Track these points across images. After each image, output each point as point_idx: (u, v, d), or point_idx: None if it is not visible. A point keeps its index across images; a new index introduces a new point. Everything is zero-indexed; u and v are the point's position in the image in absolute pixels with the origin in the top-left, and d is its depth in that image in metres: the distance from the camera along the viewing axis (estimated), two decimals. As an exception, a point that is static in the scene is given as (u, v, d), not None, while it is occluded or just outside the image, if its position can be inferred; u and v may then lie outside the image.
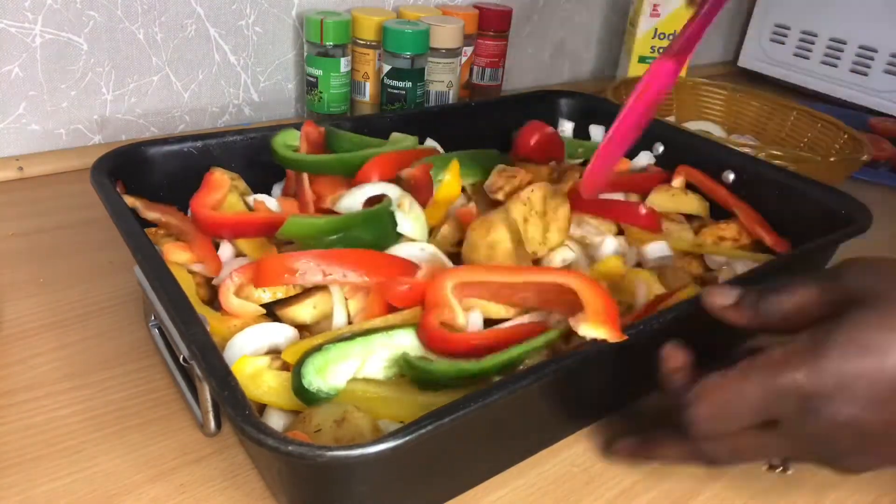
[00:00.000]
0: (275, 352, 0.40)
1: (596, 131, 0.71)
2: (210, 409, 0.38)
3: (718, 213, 0.60)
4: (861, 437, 0.32)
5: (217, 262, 0.45)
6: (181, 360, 0.37)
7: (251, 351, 0.39)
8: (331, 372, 0.37)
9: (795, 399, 0.32)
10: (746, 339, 0.39)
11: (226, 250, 0.47)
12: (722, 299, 0.38)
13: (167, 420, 0.41)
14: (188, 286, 0.43)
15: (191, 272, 0.45)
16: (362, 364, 0.38)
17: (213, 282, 0.45)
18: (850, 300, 0.33)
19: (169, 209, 0.49)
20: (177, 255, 0.45)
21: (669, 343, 0.38)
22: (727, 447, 0.35)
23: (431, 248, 0.47)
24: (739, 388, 0.33)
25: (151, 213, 0.48)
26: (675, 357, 0.37)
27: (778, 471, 0.40)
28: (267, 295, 0.42)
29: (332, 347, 0.37)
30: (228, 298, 0.41)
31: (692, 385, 0.35)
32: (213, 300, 0.45)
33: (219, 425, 0.39)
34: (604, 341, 0.36)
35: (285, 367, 0.38)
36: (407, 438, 0.29)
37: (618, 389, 0.45)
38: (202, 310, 0.42)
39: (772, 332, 0.36)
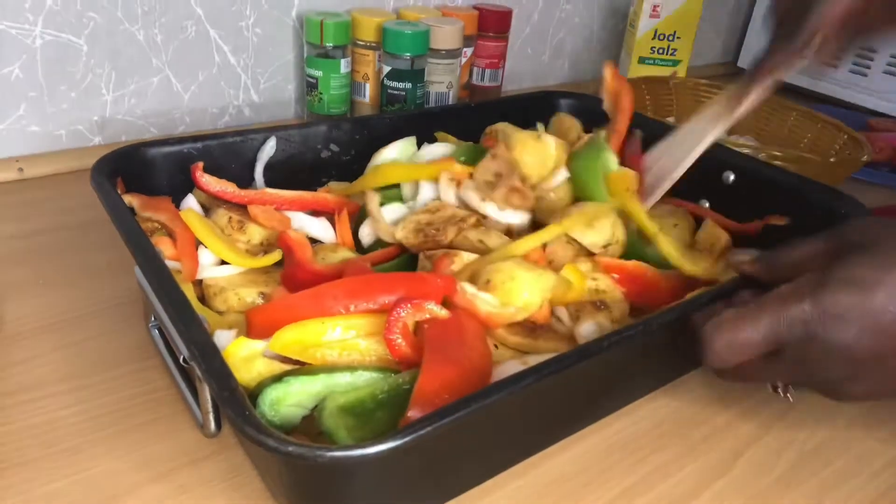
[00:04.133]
0: None
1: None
2: (210, 409, 0.38)
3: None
4: (852, 364, 0.37)
5: (194, 265, 0.46)
6: (181, 360, 0.37)
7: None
8: (285, 407, 0.35)
9: (800, 326, 0.37)
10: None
11: (205, 255, 0.47)
12: (742, 256, 0.45)
13: (167, 421, 0.41)
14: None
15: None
16: (328, 399, 0.36)
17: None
18: (849, 247, 0.38)
19: (162, 204, 0.49)
20: (165, 250, 0.45)
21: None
22: (737, 369, 0.40)
23: None
24: (753, 320, 0.38)
25: (145, 212, 0.48)
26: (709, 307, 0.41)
27: (781, 394, 0.44)
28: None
29: (291, 381, 0.36)
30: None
31: (712, 318, 0.39)
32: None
33: (219, 426, 0.39)
34: (605, 341, 0.36)
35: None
36: (407, 438, 0.29)
37: (618, 390, 0.45)
38: (201, 310, 0.42)
39: (784, 281, 0.40)
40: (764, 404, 0.47)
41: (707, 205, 0.61)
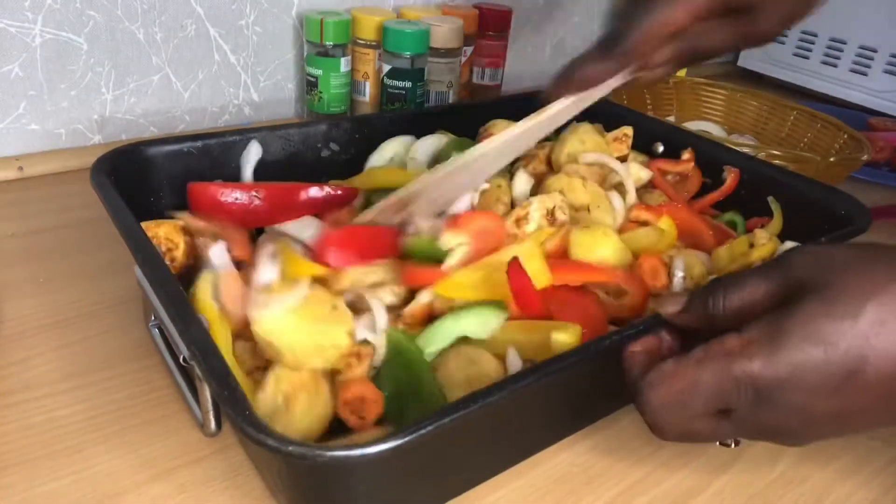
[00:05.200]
0: None
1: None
2: (210, 409, 0.38)
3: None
4: (809, 422, 0.33)
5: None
6: (181, 360, 0.37)
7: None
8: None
9: (750, 388, 0.32)
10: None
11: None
12: (671, 306, 0.38)
13: (167, 420, 0.41)
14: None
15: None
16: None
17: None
18: (800, 290, 0.33)
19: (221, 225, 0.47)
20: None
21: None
22: (679, 428, 0.35)
23: None
24: (694, 377, 0.33)
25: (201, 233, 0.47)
26: (641, 340, 0.38)
27: (730, 446, 0.40)
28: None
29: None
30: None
31: (648, 372, 0.35)
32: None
33: (219, 425, 0.39)
34: (608, 340, 0.36)
35: None
36: (407, 438, 0.29)
37: (618, 389, 0.45)
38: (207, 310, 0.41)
39: (725, 329, 0.35)
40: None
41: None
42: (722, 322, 0.36)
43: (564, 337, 0.38)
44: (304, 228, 0.48)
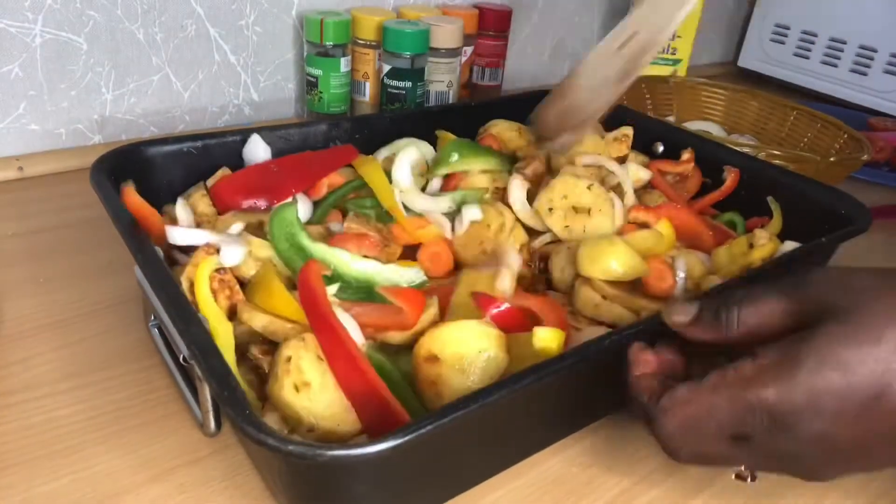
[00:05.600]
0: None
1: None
2: (210, 409, 0.38)
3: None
4: (830, 452, 0.32)
5: None
6: (181, 360, 0.37)
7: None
8: None
9: (766, 415, 0.31)
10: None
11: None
12: (681, 317, 0.36)
13: (167, 420, 0.41)
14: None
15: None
16: None
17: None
18: (818, 313, 0.32)
19: None
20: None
21: (636, 344, 0.37)
22: (693, 453, 0.35)
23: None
24: (709, 404, 0.32)
25: None
26: (642, 362, 0.37)
27: (747, 480, 0.38)
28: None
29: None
30: None
31: (660, 396, 0.34)
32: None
33: (219, 425, 0.39)
34: (607, 340, 0.36)
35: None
36: (407, 438, 0.29)
37: (618, 389, 0.45)
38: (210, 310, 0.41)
39: (737, 346, 0.34)
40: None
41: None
42: (734, 339, 0.34)
43: (546, 333, 0.38)
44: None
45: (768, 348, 0.32)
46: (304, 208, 0.51)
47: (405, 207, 0.52)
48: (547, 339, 0.38)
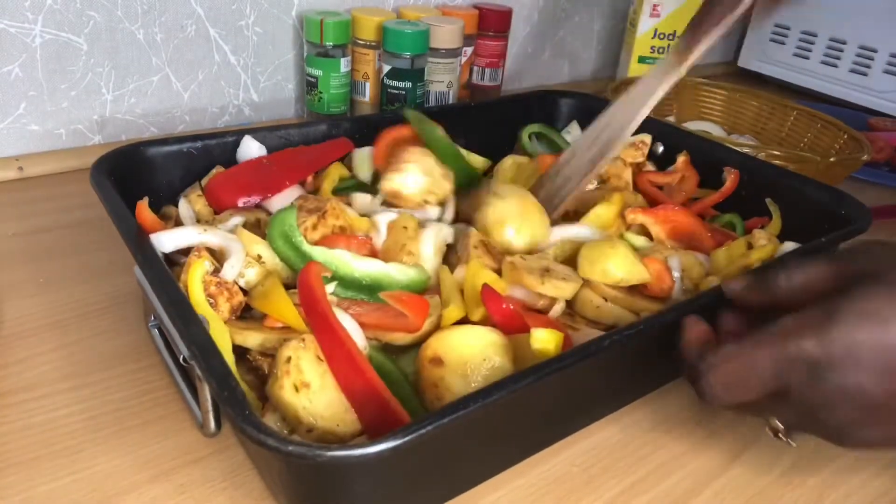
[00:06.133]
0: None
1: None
2: (210, 409, 0.38)
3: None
4: (864, 408, 0.33)
5: None
6: (181, 360, 0.37)
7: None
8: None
9: (804, 366, 0.33)
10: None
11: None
12: (736, 284, 0.40)
13: (167, 420, 0.41)
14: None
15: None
16: None
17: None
18: (860, 275, 0.34)
19: None
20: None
21: (691, 315, 0.40)
22: (736, 405, 0.37)
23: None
24: (752, 357, 0.34)
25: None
26: (695, 328, 0.39)
27: (783, 439, 0.39)
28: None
29: None
30: None
31: (707, 355, 0.36)
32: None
33: (219, 425, 0.39)
34: (605, 340, 0.36)
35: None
36: (407, 438, 0.29)
37: (618, 389, 0.45)
38: (204, 310, 0.41)
39: (783, 308, 0.36)
40: (764, 404, 0.47)
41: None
42: (783, 300, 0.37)
43: (543, 334, 0.38)
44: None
45: (809, 305, 0.34)
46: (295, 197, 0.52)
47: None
48: (545, 339, 0.38)
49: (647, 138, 0.64)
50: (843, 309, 0.33)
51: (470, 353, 0.38)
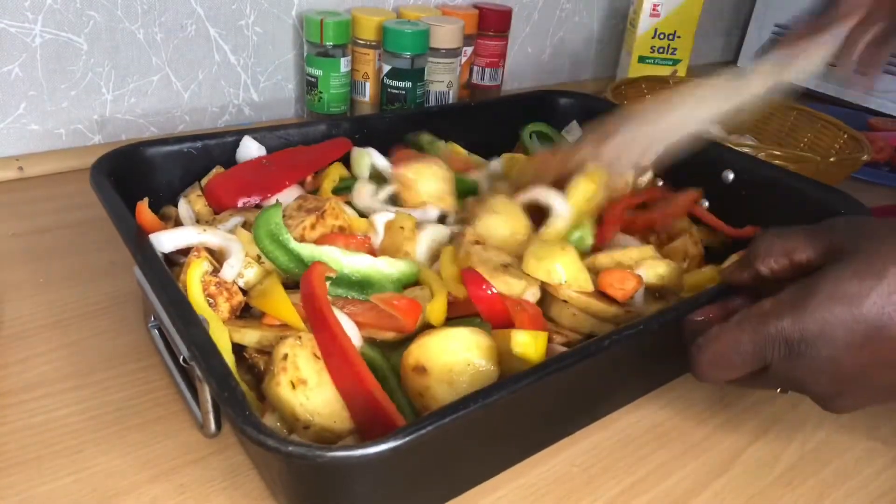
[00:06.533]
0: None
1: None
2: (210, 409, 0.38)
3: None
4: (839, 380, 0.36)
5: None
6: (181, 360, 0.37)
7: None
8: None
9: (783, 345, 0.35)
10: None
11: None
12: (729, 267, 0.42)
13: (167, 420, 0.41)
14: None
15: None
16: None
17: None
18: (836, 251, 0.36)
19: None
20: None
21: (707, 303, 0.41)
22: (724, 381, 0.39)
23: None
24: (735, 337, 0.37)
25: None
26: (700, 311, 0.41)
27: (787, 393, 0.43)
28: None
29: None
30: None
31: (697, 337, 0.38)
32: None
33: (219, 426, 0.39)
34: (607, 341, 0.36)
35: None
36: (407, 438, 0.29)
37: (618, 389, 0.45)
38: (204, 310, 0.41)
39: (769, 283, 0.38)
40: (764, 404, 0.47)
41: (706, 205, 0.61)
42: (766, 275, 0.39)
43: (524, 337, 0.37)
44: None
45: (786, 288, 0.36)
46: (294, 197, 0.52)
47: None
48: (525, 343, 0.37)
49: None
50: (818, 289, 0.35)
51: (454, 360, 0.37)
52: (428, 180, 0.54)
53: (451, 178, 0.55)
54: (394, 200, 0.55)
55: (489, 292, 0.41)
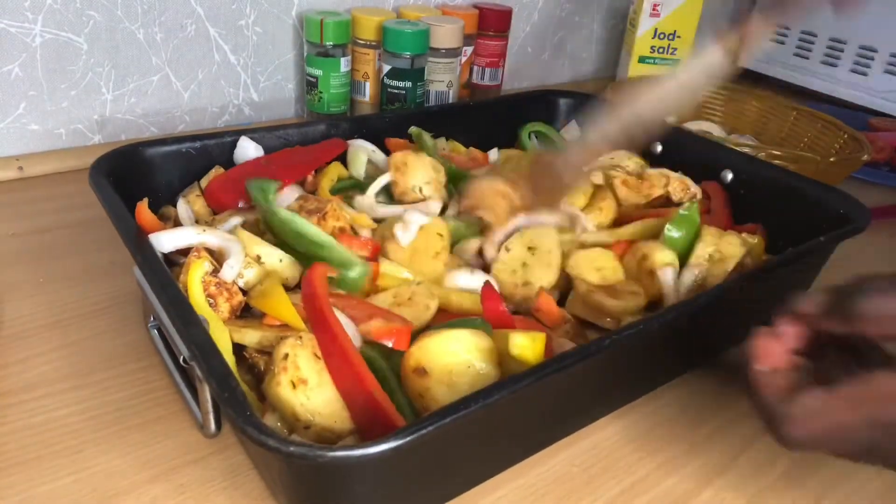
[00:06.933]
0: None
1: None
2: (210, 409, 0.38)
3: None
4: None
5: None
6: (181, 360, 0.37)
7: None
8: None
9: None
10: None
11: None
12: (810, 306, 0.35)
13: (167, 420, 0.41)
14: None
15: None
16: None
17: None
18: None
19: None
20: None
21: (762, 330, 0.35)
22: (817, 451, 0.34)
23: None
24: (846, 420, 0.31)
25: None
26: (771, 353, 0.35)
27: None
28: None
29: None
30: None
31: (790, 399, 0.33)
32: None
33: (219, 426, 0.39)
34: (607, 340, 0.36)
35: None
36: (407, 438, 0.29)
37: (618, 389, 0.45)
38: (204, 310, 0.41)
39: (863, 335, 0.33)
40: (764, 404, 0.47)
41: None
42: (865, 331, 0.33)
43: (522, 339, 0.37)
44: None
45: None
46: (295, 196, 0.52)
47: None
48: (523, 345, 0.37)
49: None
50: None
51: (454, 361, 0.37)
52: (421, 166, 0.55)
53: (443, 171, 0.56)
54: (388, 191, 0.55)
55: (504, 309, 0.42)
